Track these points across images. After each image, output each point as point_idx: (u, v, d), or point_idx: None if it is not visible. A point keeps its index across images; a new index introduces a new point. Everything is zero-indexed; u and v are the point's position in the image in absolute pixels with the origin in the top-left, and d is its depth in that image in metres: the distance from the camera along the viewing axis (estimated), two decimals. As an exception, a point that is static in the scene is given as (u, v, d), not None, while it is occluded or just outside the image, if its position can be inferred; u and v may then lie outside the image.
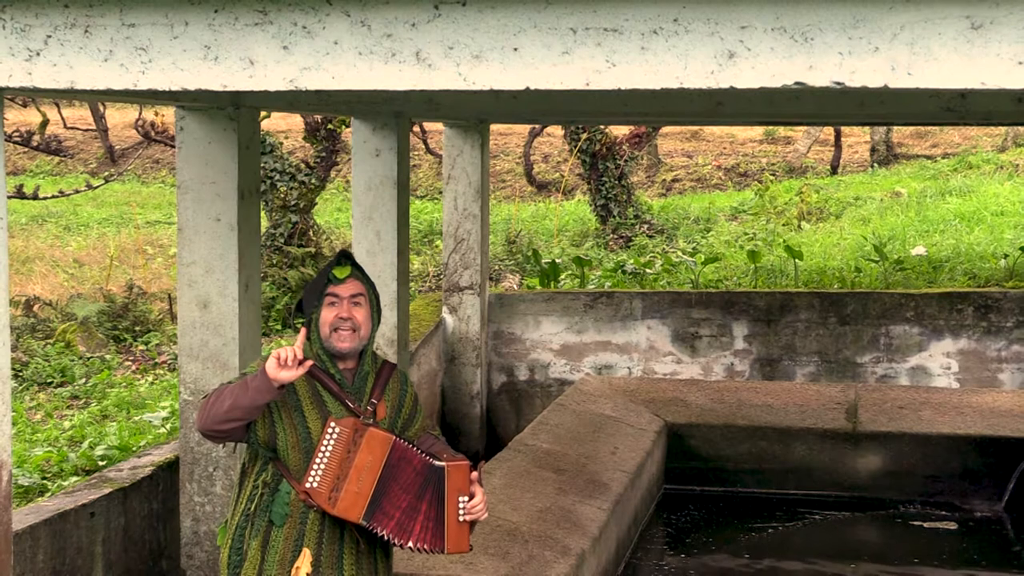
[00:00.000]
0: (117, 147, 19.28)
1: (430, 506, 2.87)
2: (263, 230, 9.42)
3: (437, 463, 2.89)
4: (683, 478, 6.39)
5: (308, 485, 2.83)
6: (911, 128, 17.24)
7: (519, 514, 4.52)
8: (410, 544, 2.86)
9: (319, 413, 2.87)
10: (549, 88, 2.51)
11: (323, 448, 2.83)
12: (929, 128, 17.22)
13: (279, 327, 8.73)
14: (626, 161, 12.62)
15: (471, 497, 2.90)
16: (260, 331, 4.59)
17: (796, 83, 2.42)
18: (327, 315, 2.94)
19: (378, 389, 2.96)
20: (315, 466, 2.83)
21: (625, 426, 6.10)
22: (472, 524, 2.92)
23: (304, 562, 2.84)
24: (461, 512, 2.88)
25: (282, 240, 9.66)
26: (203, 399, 2.90)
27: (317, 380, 2.91)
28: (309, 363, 2.79)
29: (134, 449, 4.94)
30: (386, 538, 2.87)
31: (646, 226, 12.42)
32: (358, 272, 3.00)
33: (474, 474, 2.91)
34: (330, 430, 2.83)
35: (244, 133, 4.32)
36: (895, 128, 16.77)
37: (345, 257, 3.01)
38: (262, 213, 8.98)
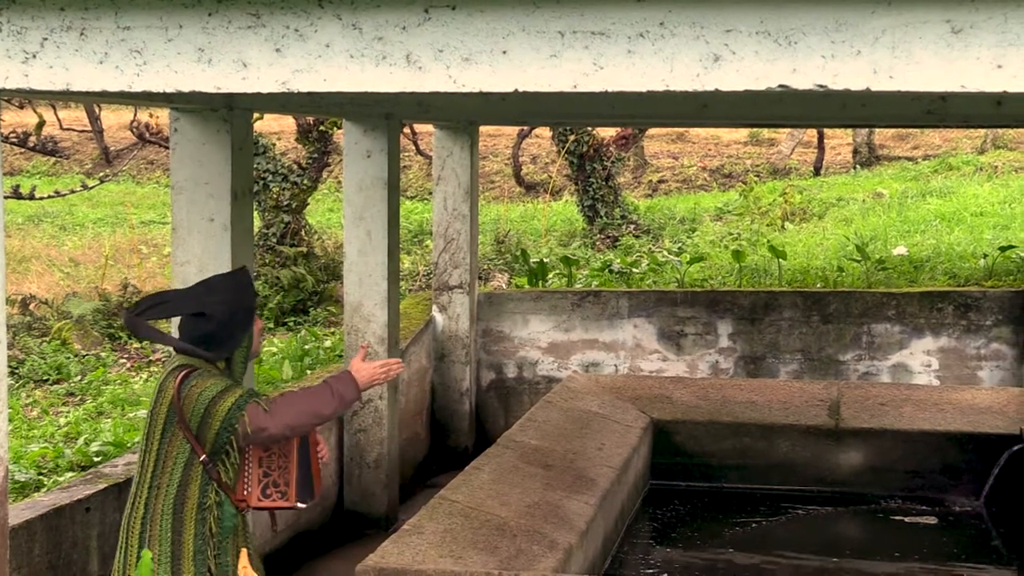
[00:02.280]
0: (112, 148, 19.28)
1: (306, 463, 3.16)
2: (256, 230, 9.48)
3: None
4: (669, 473, 6.43)
5: (245, 492, 3.10)
6: (892, 130, 17.38)
7: (507, 509, 4.54)
8: (299, 504, 3.16)
9: None
10: (537, 90, 2.56)
11: (247, 455, 3.11)
12: (910, 130, 17.37)
13: (271, 325, 8.79)
14: (613, 162, 12.71)
15: (320, 446, 3.24)
16: (253, 329, 4.65)
17: (780, 86, 2.47)
18: (259, 326, 3.24)
19: None
20: (246, 474, 3.10)
21: (612, 423, 6.16)
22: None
23: (247, 560, 3.09)
24: (321, 461, 3.22)
25: (275, 240, 9.73)
26: (283, 401, 3.04)
27: None
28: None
29: (128, 445, 4.99)
30: (298, 507, 3.17)
31: (632, 226, 12.51)
32: None
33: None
34: None
35: (237, 135, 4.38)
36: (877, 130, 16.91)
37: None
38: (255, 213, 9.06)
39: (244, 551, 3.10)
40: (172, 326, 3.75)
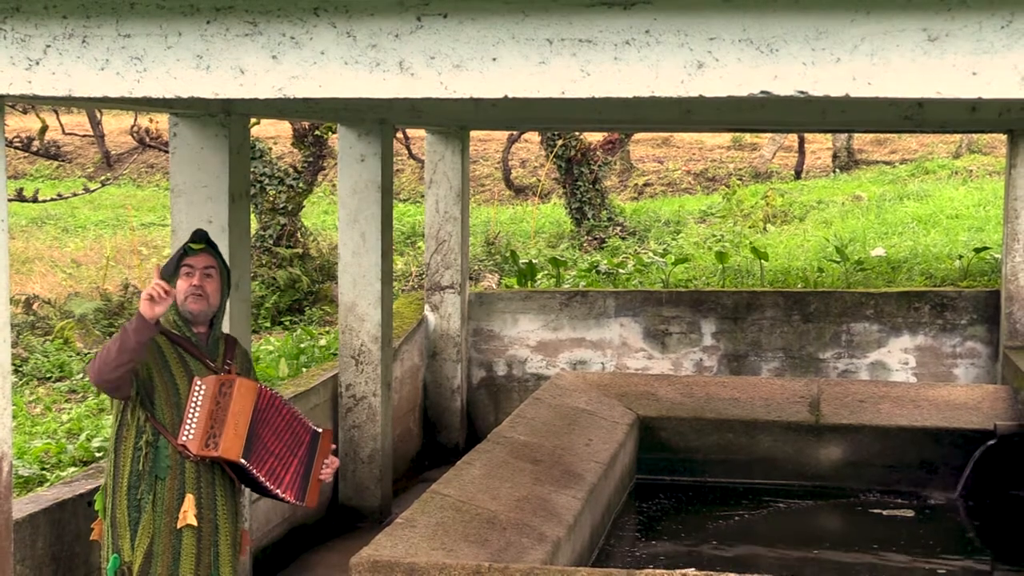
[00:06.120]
0: (113, 152, 19.28)
1: (300, 463, 3.31)
2: (253, 232, 9.57)
3: (317, 428, 3.36)
4: (654, 468, 6.50)
5: (184, 439, 3.21)
6: (871, 135, 17.52)
7: (497, 503, 4.58)
8: (278, 491, 3.28)
9: (185, 372, 3.27)
10: (526, 96, 2.63)
11: (193, 404, 3.22)
12: (888, 135, 17.52)
13: (268, 324, 8.89)
14: (600, 166, 12.85)
15: (329, 461, 3.39)
16: (250, 328, 4.76)
17: (762, 92, 2.53)
18: (183, 284, 3.33)
19: (229, 354, 3.39)
20: (188, 422, 3.22)
21: (599, 419, 6.26)
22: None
23: (190, 506, 3.23)
24: (323, 474, 3.36)
25: (271, 242, 9.84)
26: (88, 364, 3.24)
27: (178, 344, 3.30)
28: (174, 291, 3.22)
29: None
30: (259, 479, 3.25)
31: (619, 228, 12.64)
32: (211, 249, 3.39)
33: (332, 445, 3.42)
34: (197, 387, 3.22)
35: (235, 139, 4.47)
36: (856, 135, 17.07)
37: (199, 235, 3.41)
38: (252, 216, 9.15)
39: (190, 496, 3.23)
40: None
